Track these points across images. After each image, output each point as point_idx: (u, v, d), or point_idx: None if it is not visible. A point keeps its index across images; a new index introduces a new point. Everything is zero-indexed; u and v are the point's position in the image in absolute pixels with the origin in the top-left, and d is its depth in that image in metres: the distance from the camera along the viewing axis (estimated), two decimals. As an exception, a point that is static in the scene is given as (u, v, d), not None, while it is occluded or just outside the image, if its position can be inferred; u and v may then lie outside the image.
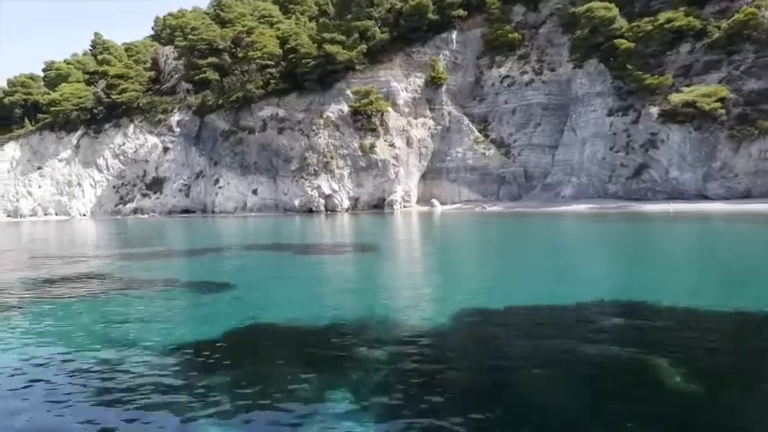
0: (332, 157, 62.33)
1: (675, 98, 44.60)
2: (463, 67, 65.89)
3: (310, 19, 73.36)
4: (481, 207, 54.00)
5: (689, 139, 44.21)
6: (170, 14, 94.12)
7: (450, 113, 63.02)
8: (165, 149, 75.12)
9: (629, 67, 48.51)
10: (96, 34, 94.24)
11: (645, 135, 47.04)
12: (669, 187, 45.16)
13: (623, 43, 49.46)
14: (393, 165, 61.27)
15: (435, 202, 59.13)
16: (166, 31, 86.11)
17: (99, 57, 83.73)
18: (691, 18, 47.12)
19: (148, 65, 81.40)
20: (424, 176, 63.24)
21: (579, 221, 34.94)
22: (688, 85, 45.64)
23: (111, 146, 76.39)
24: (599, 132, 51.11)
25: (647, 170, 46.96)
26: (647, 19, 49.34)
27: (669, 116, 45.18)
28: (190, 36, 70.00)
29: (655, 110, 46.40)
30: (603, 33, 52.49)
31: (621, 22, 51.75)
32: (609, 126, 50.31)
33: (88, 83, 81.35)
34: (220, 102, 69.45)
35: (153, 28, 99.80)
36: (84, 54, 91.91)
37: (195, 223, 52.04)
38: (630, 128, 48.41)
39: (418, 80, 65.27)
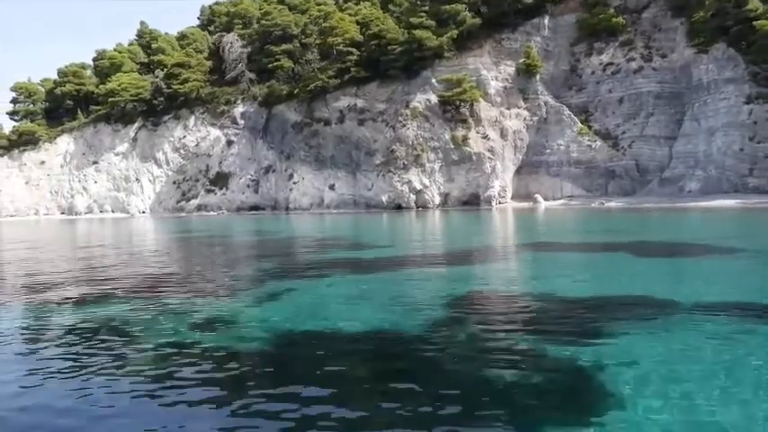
0: (422, 150, 58.25)
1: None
2: (555, 55, 61.86)
3: (385, 2, 68.95)
4: (599, 203, 50.02)
5: None
6: (218, 2, 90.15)
7: (546, 103, 58.97)
8: (229, 143, 70.99)
9: (775, 50, 44.60)
10: (142, 23, 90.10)
11: (797, 124, 43.12)
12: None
13: (765, 25, 45.48)
14: (489, 158, 57.20)
15: (539, 197, 55.08)
16: (221, 19, 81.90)
17: (153, 45, 79.42)
18: None
19: (205, 54, 77.17)
20: (518, 171, 59.24)
21: (746, 217, 30.82)
22: None
23: (171, 139, 72.23)
24: (733, 122, 47.13)
25: (799, 162, 43.05)
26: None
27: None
28: (263, 21, 65.81)
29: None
30: (734, 16, 48.64)
31: (756, 3, 47.84)
32: (748, 115, 46.33)
33: (140, 73, 77.25)
34: (293, 91, 65.27)
35: (199, 18, 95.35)
36: (131, 44, 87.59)
37: (293, 221, 47.90)
38: (776, 116, 44.49)
39: (509, 68, 61.24)
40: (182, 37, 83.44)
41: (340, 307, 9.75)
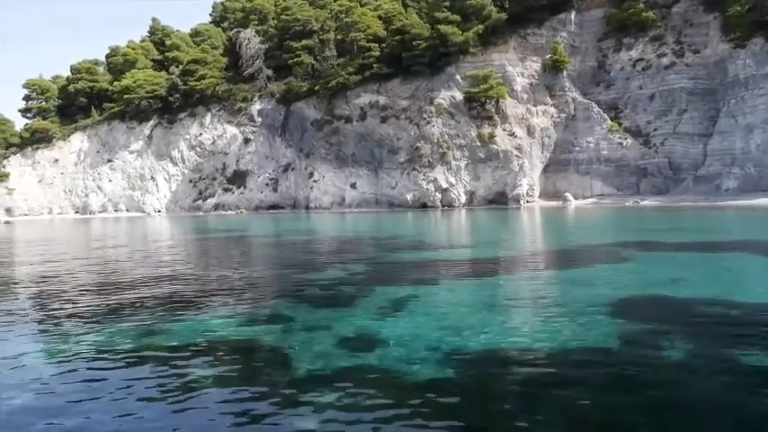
0: (448, 148, 56.93)
1: None
2: (582, 51, 60.57)
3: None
4: (633, 201, 48.67)
5: None
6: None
7: (575, 100, 57.66)
8: (246, 141, 69.67)
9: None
10: (154, 20, 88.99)
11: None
12: None
13: (809, 18, 44.16)
14: (516, 156, 55.91)
15: (569, 196, 53.74)
16: (236, 15, 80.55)
17: (166, 42, 78.10)
18: None
19: (220, 51, 75.85)
20: (545, 169, 57.95)
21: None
22: None
23: (187, 137, 70.90)
24: (773, 118, 45.83)
25: None
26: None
27: None
28: (282, 16, 64.48)
29: None
30: (773, 9, 47.34)
31: (796, -4, 46.53)
32: (790, 111, 45.02)
33: (155, 70, 75.93)
34: (314, 88, 63.93)
35: (211, 14, 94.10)
36: (143, 41, 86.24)
37: (324, 220, 46.57)
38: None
39: (534, 64, 59.94)
40: (195, 33, 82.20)
41: (487, 316, 8.40)
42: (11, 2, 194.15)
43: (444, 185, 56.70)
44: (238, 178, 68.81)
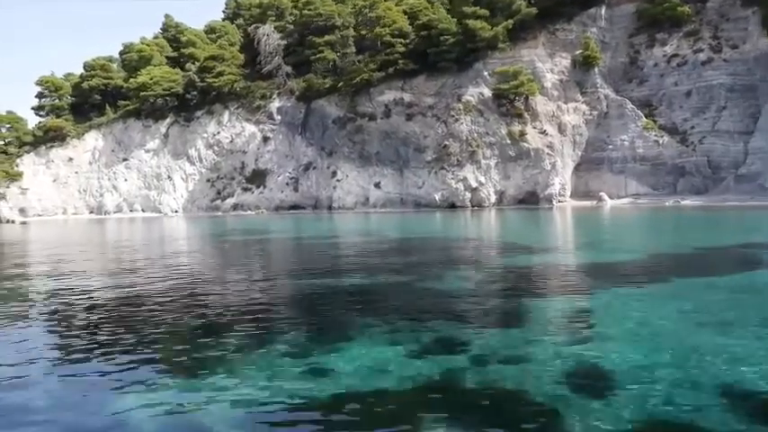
0: (477, 146, 55.37)
1: None
2: (612, 47, 59.08)
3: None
4: (674, 201, 47.08)
5: None
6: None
7: (607, 97, 56.13)
8: (265, 139, 68.05)
9: None
10: (167, 17, 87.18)
11: None
12: None
13: None
14: (548, 154, 54.36)
15: (604, 196, 52.13)
16: (252, 11, 78.86)
17: (181, 39, 76.41)
18: None
19: (237, 47, 74.21)
20: (576, 168, 56.39)
21: None
22: None
23: (204, 135, 69.26)
24: (820, 115, 44.33)
25: None
26: None
27: None
28: (305, 11, 62.84)
29: None
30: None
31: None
32: (839, 107, 43.50)
33: (170, 67, 74.25)
34: (337, 85, 62.31)
35: (224, 11, 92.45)
36: (156, 37, 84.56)
37: (362, 221, 44.97)
38: None
39: (564, 61, 58.43)
40: (210, 30, 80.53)
41: (715, 338, 6.81)
42: (10, 2, 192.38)
43: (474, 185, 55.12)
44: (258, 177, 67.17)
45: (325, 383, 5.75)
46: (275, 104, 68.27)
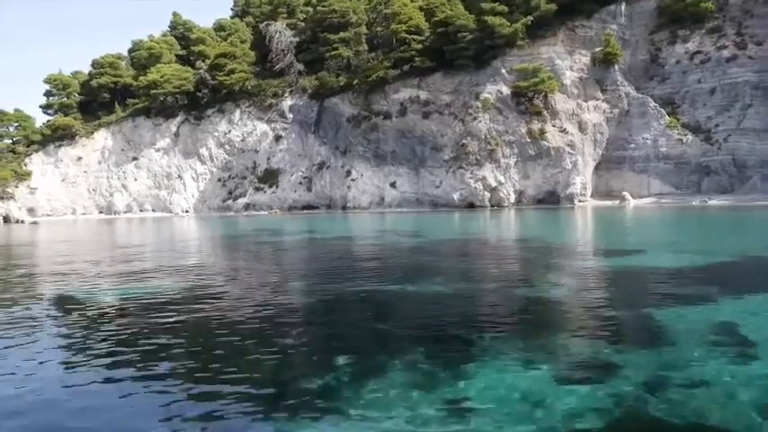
0: (497, 144, 54.36)
1: None
2: (632, 44, 58.06)
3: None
4: (701, 200, 46.11)
5: None
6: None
7: (628, 95, 55.12)
8: (277, 138, 67.06)
9: None
10: (175, 14, 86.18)
11: None
12: None
13: None
14: (569, 153, 53.36)
15: (627, 195, 51.13)
16: (262, 8, 77.77)
17: (191, 36, 75.37)
18: None
19: (247, 45, 73.14)
20: (596, 167, 55.40)
21: None
22: None
23: (216, 134, 68.25)
24: None
25: None
26: None
27: None
28: (319, 8, 61.82)
29: None
30: None
31: None
32: None
33: (180, 64, 73.23)
34: (352, 82, 61.29)
35: (233, 8, 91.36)
36: (164, 35, 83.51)
37: (388, 221, 43.93)
38: None
39: (583, 58, 57.44)
40: (219, 28, 79.47)
41: None
42: (15, 1, 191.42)
43: (493, 184, 54.12)
44: (270, 177, 66.15)
45: (468, 420, 4.73)
46: (287, 103, 67.27)
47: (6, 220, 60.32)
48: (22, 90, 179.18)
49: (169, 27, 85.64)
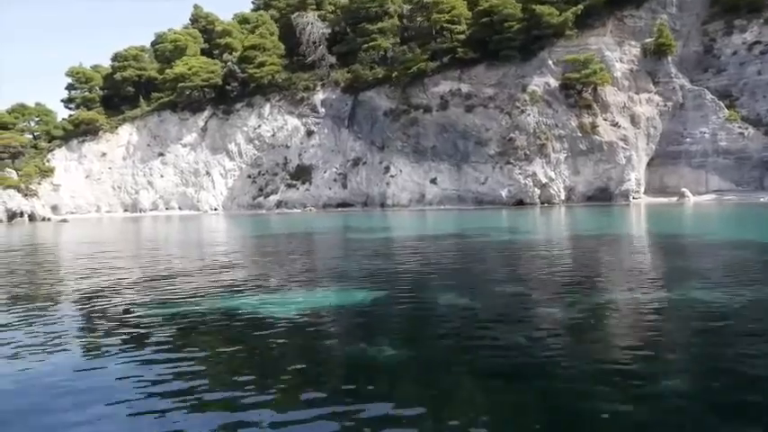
0: (547, 139, 52.06)
1: None
2: (684, 34, 55.69)
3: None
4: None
5: None
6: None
7: (682, 87, 52.78)
8: (309, 133, 64.70)
9: None
10: (196, 7, 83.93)
11: None
12: None
13: None
14: (622, 148, 51.07)
15: (686, 192, 48.86)
16: (288, 0, 75.31)
17: (216, 29, 72.98)
18: None
19: (275, 37, 70.72)
20: (649, 162, 53.11)
21: None
22: None
23: (245, 129, 65.88)
24: None
25: None
26: None
27: None
28: (355, -3, 59.51)
29: None
30: None
31: None
32: None
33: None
34: (391, 75, 58.89)
35: (253, 1, 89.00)
36: (186, 28, 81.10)
37: (449, 219, 41.55)
38: None
39: (633, 49, 55.08)
40: (243, 20, 77.16)
41: None
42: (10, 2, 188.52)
43: (544, 180, 51.82)
44: (302, 173, 63.80)
45: None
46: (319, 96, 64.92)
47: (32, 218, 57.87)
48: (41, 86, 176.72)
49: (190, 20, 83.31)
